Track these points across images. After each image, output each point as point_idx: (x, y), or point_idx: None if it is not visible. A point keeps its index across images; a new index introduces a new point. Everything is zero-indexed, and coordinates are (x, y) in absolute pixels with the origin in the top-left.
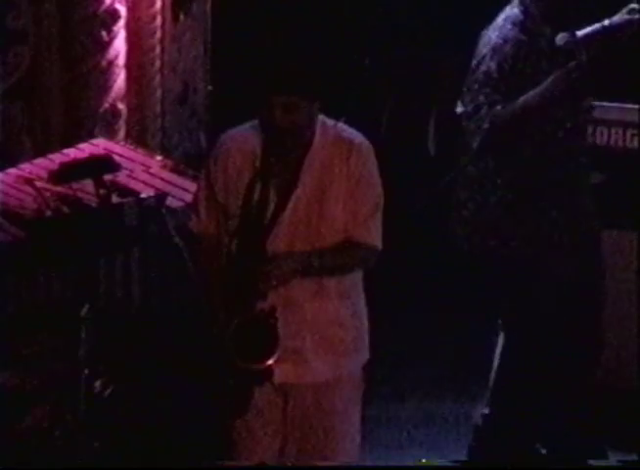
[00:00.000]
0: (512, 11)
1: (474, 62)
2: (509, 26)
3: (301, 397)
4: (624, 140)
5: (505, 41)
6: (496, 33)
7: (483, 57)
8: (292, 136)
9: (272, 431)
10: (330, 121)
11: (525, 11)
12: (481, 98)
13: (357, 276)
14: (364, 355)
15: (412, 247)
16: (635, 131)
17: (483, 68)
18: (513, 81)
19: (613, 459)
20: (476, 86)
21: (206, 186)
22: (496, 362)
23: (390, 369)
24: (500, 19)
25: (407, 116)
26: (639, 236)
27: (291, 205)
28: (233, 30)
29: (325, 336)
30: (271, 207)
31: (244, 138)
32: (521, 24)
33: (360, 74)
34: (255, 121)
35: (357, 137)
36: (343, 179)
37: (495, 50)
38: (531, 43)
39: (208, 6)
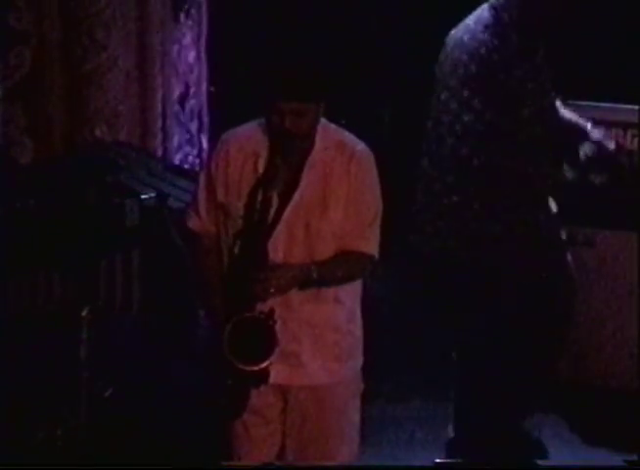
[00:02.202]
0: (482, 14)
1: (447, 64)
2: (480, 29)
3: (300, 398)
4: (625, 141)
5: (480, 45)
6: (468, 36)
7: (459, 60)
8: (300, 138)
9: (271, 432)
10: (331, 125)
11: (495, 15)
12: (475, 109)
13: (354, 283)
14: (359, 362)
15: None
16: (635, 132)
17: (461, 70)
18: (490, 85)
19: (613, 459)
20: (466, 93)
21: (207, 185)
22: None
23: (390, 369)
24: (471, 21)
25: (408, 117)
26: (639, 236)
27: (290, 206)
28: (233, 31)
29: (321, 340)
30: (273, 209)
31: (246, 137)
32: (492, 28)
33: (362, 77)
34: (258, 120)
35: (359, 144)
36: (344, 184)
37: (472, 54)
38: (503, 48)
39: (205, 6)
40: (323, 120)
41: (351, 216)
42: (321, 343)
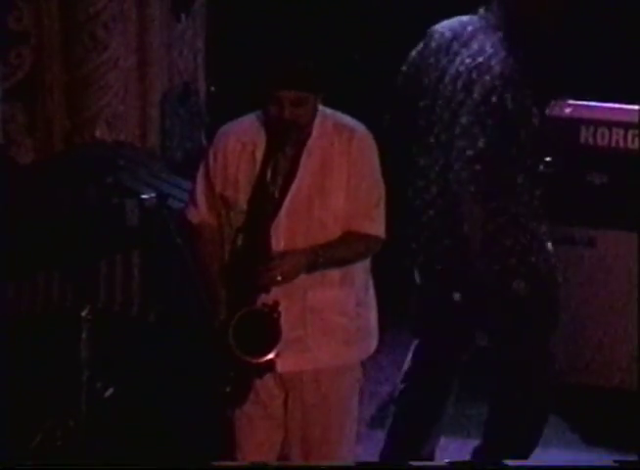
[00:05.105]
0: (495, 35)
1: (477, 90)
2: (504, 53)
3: (301, 389)
4: (625, 141)
5: (512, 70)
6: (495, 61)
7: (494, 87)
8: (298, 129)
9: (274, 426)
10: (328, 110)
11: (506, 36)
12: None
13: (362, 265)
14: (370, 346)
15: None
16: (636, 132)
17: (495, 99)
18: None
19: (612, 459)
20: (490, 121)
21: (205, 177)
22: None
23: (391, 369)
24: (487, 45)
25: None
26: (639, 236)
27: (290, 196)
28: (233, 30)
29: (327, 324)
30: (274, 200)
31: (243, 129)
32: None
33: (362, 70)
34: (256, 113)
35: (358, 125)
36: (344, 168)
37: (508, 80)
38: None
39: (203, 5)
40: (320, 107)
41: (355, 199)
42: (328, 327)
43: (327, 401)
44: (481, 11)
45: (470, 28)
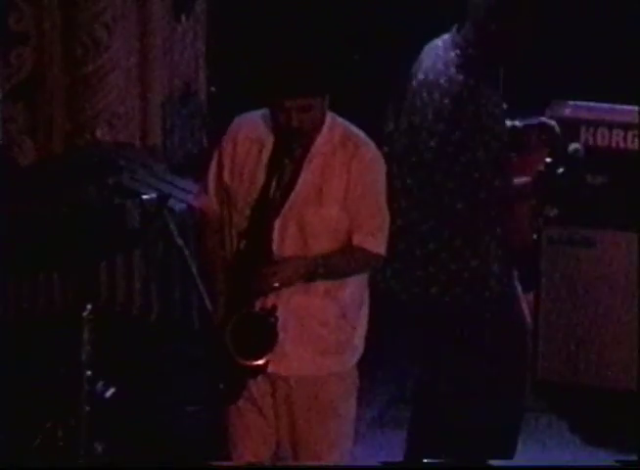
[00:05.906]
0: (448, 55)
1: (430, 111)
2: (454, 71)
3: (288, 389)
4: (625, 141)
5: (461, 87)
6: (444, 78)
7: (442, 105)
8: (307, 133)
9: (267, 423)
10: (339, 119)
11: (460, 54)
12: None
13: (353, 279)
14: (347, 361)
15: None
16: (636, 132)
17: (447, 115)
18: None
19: (613, 459)
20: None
21: (217, 165)
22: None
23: (391, 369)
24: (440, 65)
25: None
26: (639, 236)
27: (289, 200)
28: (233, 30)
29: (306, 331)
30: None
31: (254, 126)
32: (466, 68)
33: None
34: (263, 111)
35: (365, 141)
36: (343, 180)
37: (456, 98)
38: (478, 85)
39: (204, 6)
40: (330, 114)
41: (357, 214)
42: (306, 335)
43: (315, 404)
44: (453, 29)
45: (440, 44)
